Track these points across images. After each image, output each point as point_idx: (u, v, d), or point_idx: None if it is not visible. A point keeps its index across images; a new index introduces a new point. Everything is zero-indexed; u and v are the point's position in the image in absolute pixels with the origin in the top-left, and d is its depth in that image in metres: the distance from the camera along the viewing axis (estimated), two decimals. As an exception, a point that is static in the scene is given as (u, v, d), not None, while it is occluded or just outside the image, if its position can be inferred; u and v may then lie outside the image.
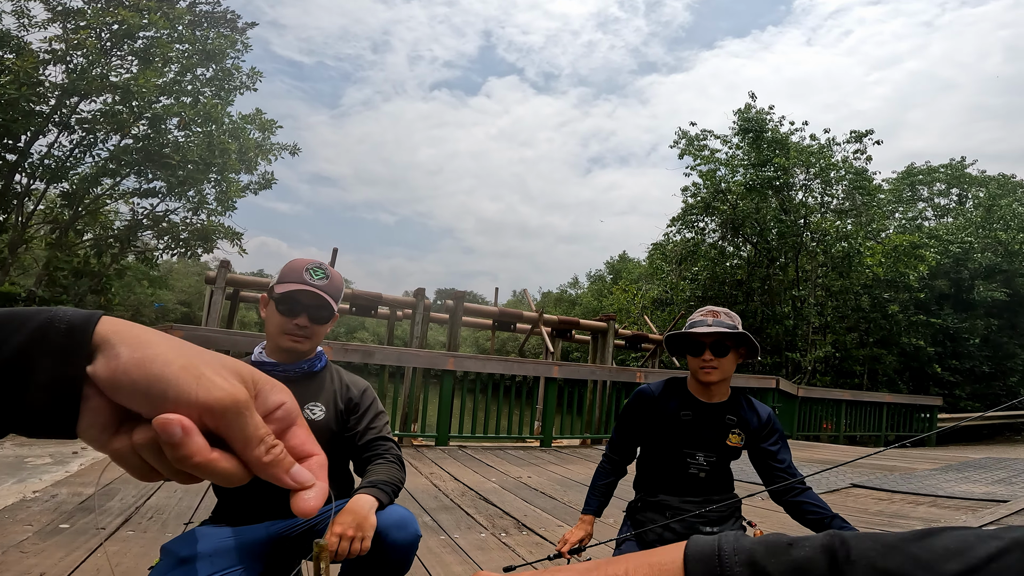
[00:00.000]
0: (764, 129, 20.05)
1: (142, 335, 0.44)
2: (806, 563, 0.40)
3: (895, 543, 0.40)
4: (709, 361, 2.27)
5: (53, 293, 11.22)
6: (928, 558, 0.38)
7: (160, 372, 0.42)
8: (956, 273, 22.57)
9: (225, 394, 0.43)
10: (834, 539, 0.42)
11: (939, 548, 0.38)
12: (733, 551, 0.43)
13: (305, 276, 1.99)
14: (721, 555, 0.43)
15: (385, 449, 2.13)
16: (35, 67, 11.14)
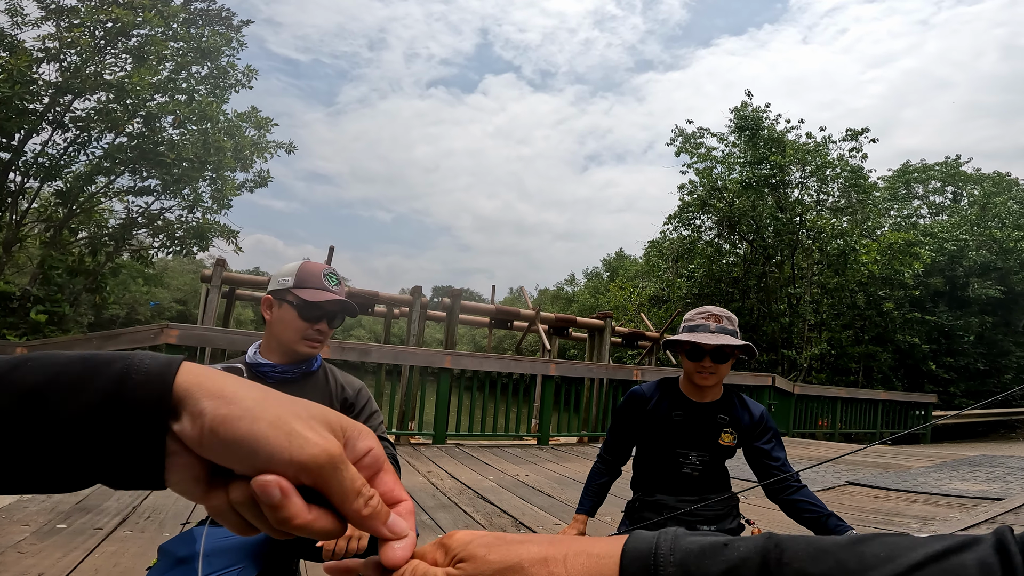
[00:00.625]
0: (760, 127, 20.09)
1: (226, 387, 0.43)
2: (738, 564, 0.40)
3: (827, 547, 0.39)
4: (708, 367, 2.27)
5: (48, 292, 11.17)
6: (855, 565, 0.37)
7: (249, 431, 0.40)
8: (951, 271, 22.65)
9: (320, 450, 0.42)
10: (769, 542, 0.41)
11: (868, 555, 0.37)
12: (669, 551, 0.42)
13: (325, 282, 2.01)
14: (657, 554, 0.42)
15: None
16: (29, 65, 11.08)
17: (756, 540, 0.41)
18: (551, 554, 0.45)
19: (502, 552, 0.45)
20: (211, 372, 0.43)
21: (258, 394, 0.43)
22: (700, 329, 2.27)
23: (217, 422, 0.40)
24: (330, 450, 0.42)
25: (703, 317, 2.30)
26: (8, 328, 9.73)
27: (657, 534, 0.44)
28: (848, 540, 0.39)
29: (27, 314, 10.18)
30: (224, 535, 1.97)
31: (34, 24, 12.08)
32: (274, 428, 0.41)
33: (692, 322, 2.31)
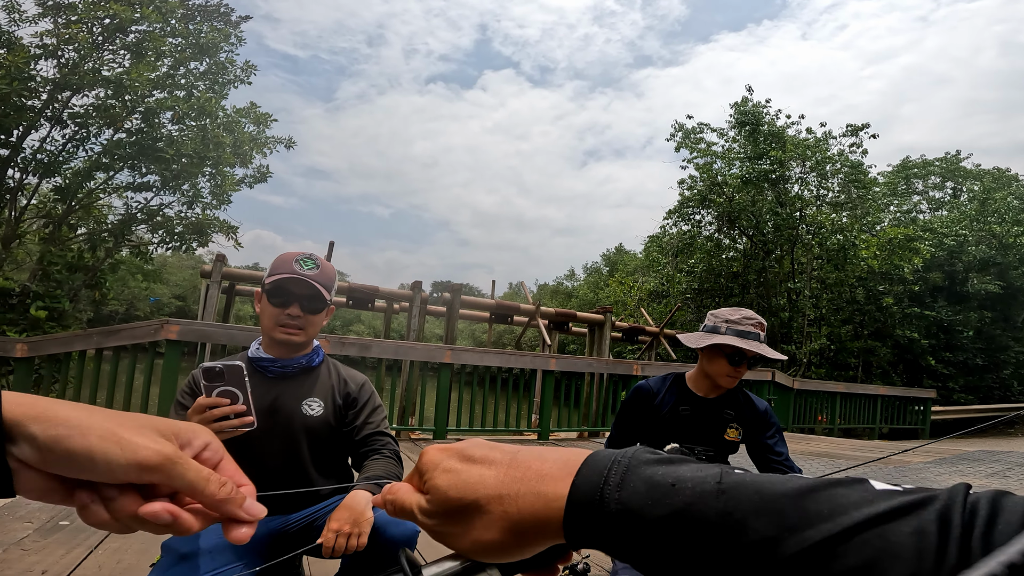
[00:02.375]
0: (760, 122, 20.06)
1: (50, 410, 0.45)
2: (683, 509, 0.38)
3: (775, 499, 0.37)
4: (743, 372, 2.28)
5: (47, 288, 11.16)
6: (795, 521, 0.35)
7: (80, 446, 0.44)
8: (950, 266, 22.65)
9: (152, 452, 0.46)
10: (719, 487, 0.39)
11: (812, 511, 0.35)
12: (616, 488, 0.41)
13: (295, 267, 1.98)
14: (603, 496, 0.41)
15: (383, 444, 2.13)
16: (26, 61, 11.04)
17: (707, 480, 0.39)
18: (506, 492, 0.45)
19: (461, 489, 0.47)
20: (35, 399, 0.45)
21: (83, 413, 0.46)
22: (750, 337, 2.23)
23: (50, 443, 0.43)
24: (162, 451, 0.46)
25: (752, 324, 2.26)
26: (8, 324, 9.73)
27: (610, 463, 0.43)
28: (797, 490, 0.37)
29: (27, 310, 10.17)
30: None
31: (32, 20, 12.03)
32: (104, 440, 0.44)
33: (740, 327, 2.25)
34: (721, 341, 2.24)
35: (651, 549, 0.39)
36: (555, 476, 0.44)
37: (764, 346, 2.22)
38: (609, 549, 0.41)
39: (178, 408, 2.01)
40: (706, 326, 2.33)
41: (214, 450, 0.52)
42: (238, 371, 1.66)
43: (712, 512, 0.37)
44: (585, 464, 0.44)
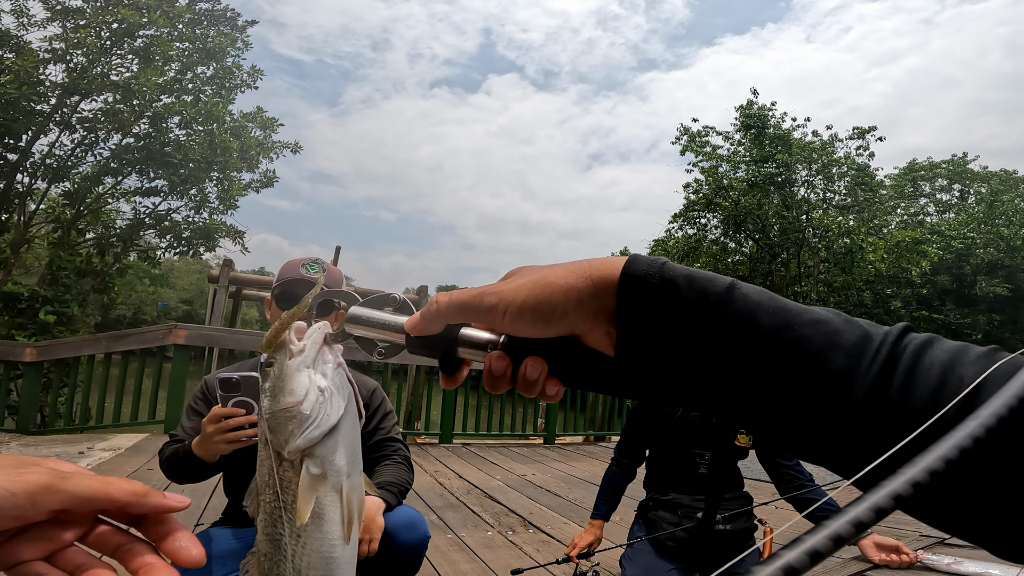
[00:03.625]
0: (766, 125, 20.01)
1: None
2: (709, 285, 0.44)
3: (781, 305, 0.44)
4: None
5: (56, 292, 11.21)
6: (790, 320, 0.42)
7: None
8: (958, 269, 22.54)
9: (39, 472, 0.44)
10: (737, 284, 0.45)
11: (806, 318, 0.42)
12: (669, 266, 0.46)
13: (302, 271, 1.99)
14: (664, 266, 0.46)
15: (393, 450, 2.13)
16: (35, 66, 11.12)
17: (725, 281, 0.45)
18: (550, 281, 0.48)
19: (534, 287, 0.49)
20: None
21: None
22: None
23: None
24: (49, 469, 0.45)
25: None
26: (17, 328, 9.78)
27: (657, 266, 0.46)
28: (796, 306, 0.44)
29: (35, 314, 10.22)
30: (237, 537, 1.97)
31: (40, 25, 12.11)
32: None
33: None
34: None
35: (693, 322, 0.44)
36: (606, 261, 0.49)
37: None
38: (651, 316, 0.45)
39: (190, 413, 2.01)
40: None
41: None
42: (254, 382, 1.68)
43: (738, 295, 0.44)
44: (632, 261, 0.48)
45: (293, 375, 0.60)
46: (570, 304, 0.47)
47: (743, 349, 0.42)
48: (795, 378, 0.41)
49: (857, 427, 0.39)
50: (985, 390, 0.35)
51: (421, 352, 0.55)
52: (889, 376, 0.38)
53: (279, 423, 0.59)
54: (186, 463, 1.81)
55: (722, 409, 0.45)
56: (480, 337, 0.52)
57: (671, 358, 0.45)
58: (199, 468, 1.82)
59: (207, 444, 1.70)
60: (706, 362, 0.44)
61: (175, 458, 1.85)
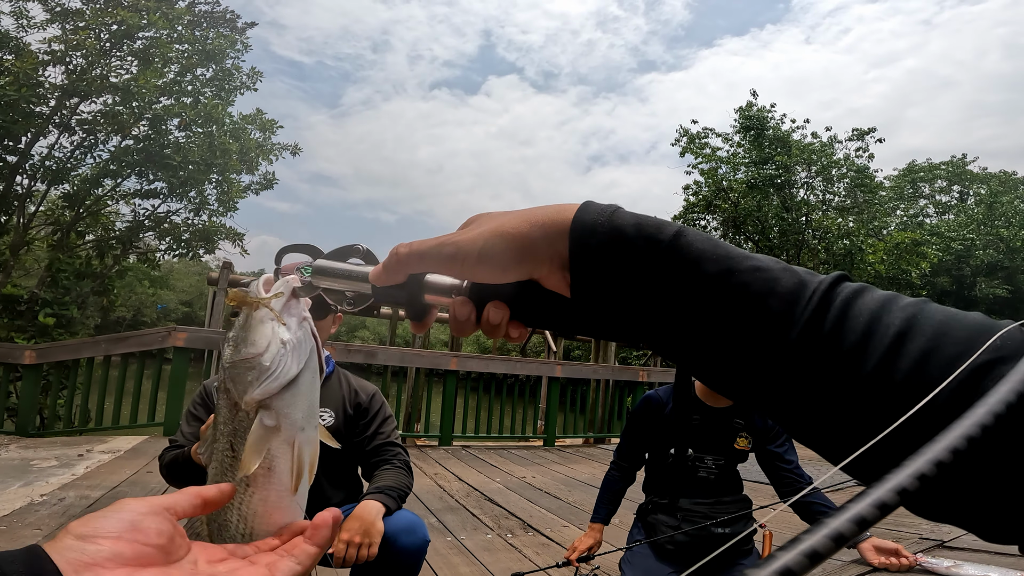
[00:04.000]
0: (766, 127, 20.02)
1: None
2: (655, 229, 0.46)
3: (727, 253, 0.45)
4: None
5: (55, 295, 11.21)
6: (733, 265, 0.44)
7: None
8: (958, 270, 22.56)
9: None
10: (684, 231, 0.46)
11: (747, 265, 0.44)
12: (618, 213, 0.48)
13: (297, 274, 1.99)
14: (615, 212, 0.48)
15: (393, 455, 2.13)
16: (35, 68, 11.11)
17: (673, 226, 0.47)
18: (497, 228, 0.50)
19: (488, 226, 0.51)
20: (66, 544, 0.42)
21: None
22: None
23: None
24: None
25: None
26: (16, 331, 9.77)
27: (607, 214, 0.48)
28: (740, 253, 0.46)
29: (35, 317, 10.21)
30: (236, 540, 1.97)
31: (39, 27, 12.11)
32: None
33: None
34: None
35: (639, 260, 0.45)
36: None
37: None
38: (601, 261, 0.46)
39: (190, 419, 2.01)
40: None
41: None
42: None
43: (692, 249, 0.45)
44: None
45: (256, 326, 0.60)
46: (525, 251, 0.49)
47: (688, 294, 0.44)
48: (736, 321, 0.43)
49: (791, 367, 0.41)
50: (911, 341, 0.37)
51: (387, 301, 0.57)
52: (820, 321, 0.40)
53: (238, 373, 0.60)
54: (186, 469, 1.81)
55: (670, 350, 0.47)
56: (444, 283, 0.54)
57: (622, 301, 0.47)
58: (199, 474, 1.81)
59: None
60: (654, 305, 0.45)
61: (175, 464, 1.85)
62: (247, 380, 0.59)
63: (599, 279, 0.47)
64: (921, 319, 0.38)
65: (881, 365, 0.37)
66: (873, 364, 0.38)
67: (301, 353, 0.62)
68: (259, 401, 0.59)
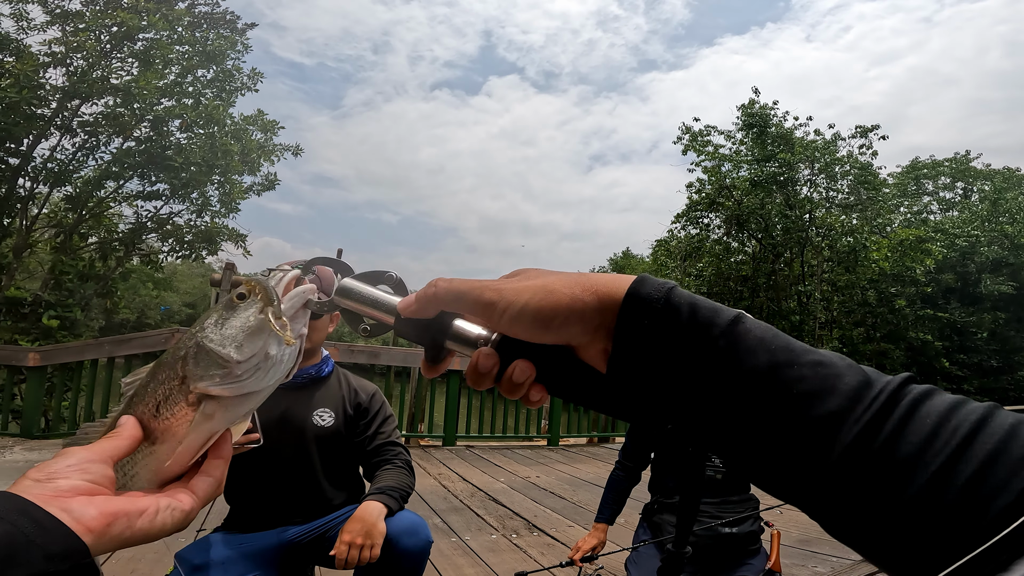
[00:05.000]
0: (768, 124, 19.96)
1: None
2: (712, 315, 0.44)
3: (782, 345, 0.43)
4: None
5: (59, 297, 11.22)
6: (786, 359, 0.42)
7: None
8: (962, 267, 22.47)
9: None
10: (743, 318, 0.44)
11: (805, 359, 0.42)
12: (677, 291, 0.46)
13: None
14: (672, 290, 0.46)
15: (394, 454, 2.11)
16: (35, 70, 11.12)
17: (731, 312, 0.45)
18: (558, 289, 0.48)
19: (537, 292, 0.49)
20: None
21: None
22: None
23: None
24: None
25: None
26: (20, 333, 9.77)
27: (665, 291, 0.46)
28: (801, 348, 0.43)
29: (39, 319, 10.22)
30: (239, 542, 1.95)
31: (40, 28, 12.12)
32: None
33: None
34: None
35: (691, 350, 0.43)
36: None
37: None
38: (650, 338, 0.45)
39: None
40: None
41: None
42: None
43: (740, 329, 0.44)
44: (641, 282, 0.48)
45: (251, 331, 0.57)
46: (573, 315, 0.47)
47: (736, 383, 0.42)
48: (786, 419, 0.41)
49: (835, 476, 0.39)
50: (978, 443, 0.35)
51: (408, 335, 0.55)
52: (883, 420, 0.38)
53: (205, 361, 0.57)
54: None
55: (704, 438, 0.45)
56: (471, 331, 0.52)
57: (662, 382, 0.45)
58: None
59: None
60: (698, 391, 0.43)
61: None
62: (209, 373, 0.56)
63: (643, 355, 0.45)
64: (992, 421, 0.37)
65: (943, 469, 0.35)
66: (935, 468, 0.36)
67: (277, 372, 0.59)
68: (209, 393, 0.56)
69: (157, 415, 0.58)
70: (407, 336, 0.55)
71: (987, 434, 0.36)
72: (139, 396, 0.60)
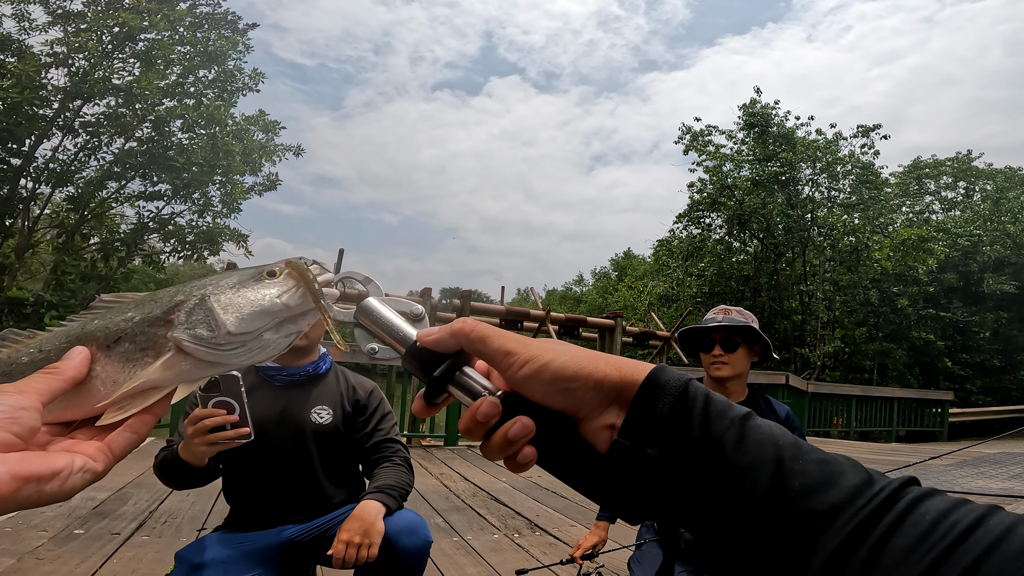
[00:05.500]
0: (770, 124, 19.94)
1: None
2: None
3: (790, 446, 0.43)
4: (719, 356, 2.30)
5: (61, 297, 11.24)
6: (788, 472, 0.42)
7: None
8: (965, 266, 22.42)
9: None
10: (753, 416, 0.46)
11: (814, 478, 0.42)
12: (697, 387, 0.47)
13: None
14: (690, 383, 0.47)
15: (393, 452, 2.10)
16: (37, 70, 11.14)
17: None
18: (593, 370, 0.49)
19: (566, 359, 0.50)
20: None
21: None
22: (710, 323, 2.32)
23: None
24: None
25: (713, 312, 2.37)
26: (21, 333, 9.79)
27: (683, 383, 0.47)
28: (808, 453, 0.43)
29: (41, 319, 10.23)
30: (239, 541, 1.94)
31: (41, 29, 12.15)
32: None
33: (705, 319, 2.37)
34: (683, 329, 2.38)
35: (700, 451, 0.44)
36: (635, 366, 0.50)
37: (723, 324, 2.27)
38: (659, 420, 0.45)
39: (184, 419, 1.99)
40: None
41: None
42: (234, 381, 1.64)
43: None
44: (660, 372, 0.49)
45: (259, 311, 0.56)
46: (593, 382, 0.48)
47: (743, 471, 0.43)
48: (782, 507, 0.42)
49: (832, 566, 0.39)
50: (975, 538, 0.36)
51: (413, 368, 0.54)
52: (882, 514, 0.39)
53: (199, 315, 0.55)
54: (175, 467, 1.80)
55: (702, 525, 0.45)
56: (480, 381, 0.52)
57: (666, 461, 0.45)
58: (188, 472, 1.80)
59: (189, 446, 1.68)
60: (703, 475, 0.44)
61: (165, 463, 1.84)
62: (196, 329, 0.54)
63: (649, 435, 0.46)
64: (990, 520, 0.37)
65: (937, 562, 0.36)
66: (929, 560, 0.36)
67: (256, 356, 0.57)
68: (178, 347, 0.54)
69: (111, 349, 0.55)
70: (412, 370, 0.54)
71: (984, 530, 0.37)
72: (106, 322, 0.57)
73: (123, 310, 0.58)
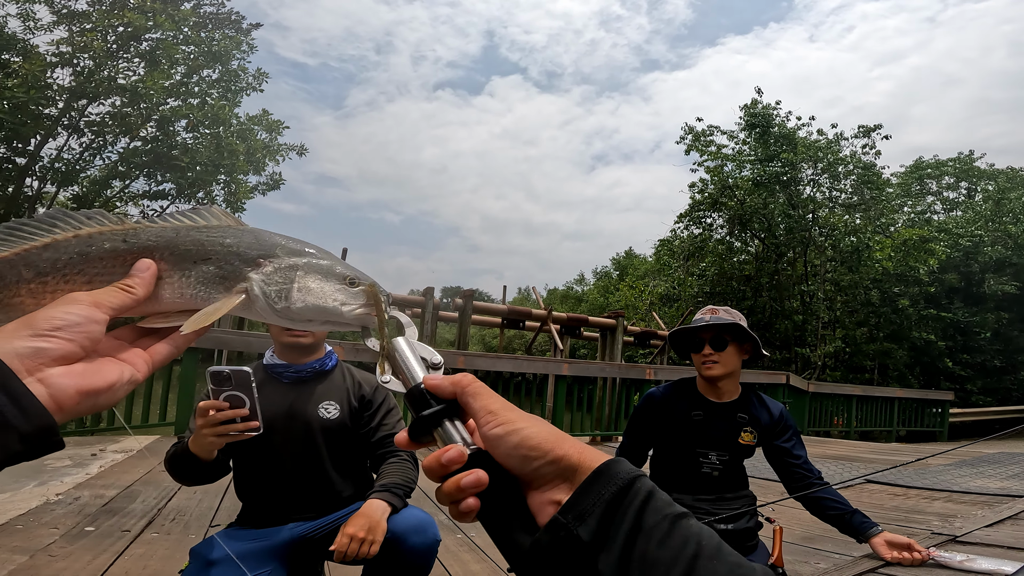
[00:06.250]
0: (771, 124, 19.96)
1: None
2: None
3: (715, 551, 0.46)
4: (709, 355, 2.33)
5: (65, 295, 11.29)
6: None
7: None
8: (966, 267, 22.43)
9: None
10: (691, 517, 0.48)
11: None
12: (645, 483, 0.49)
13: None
14: (637, 478, 0.49)
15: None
16: (42, 70, 11.19)
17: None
18: (564, 453, 0.53)
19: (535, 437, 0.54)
20: None
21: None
22: (698, 323, 2.35)
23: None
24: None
25: (702, 312, 2.40)
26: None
27: (630, 481, 0.49)
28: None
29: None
30: (252, 538, 1.99)
31: (46, 29, 12.19)
32: None
33: (694, 320, 2.40)
34: (673, 329, 2.43)
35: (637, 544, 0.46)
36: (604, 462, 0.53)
37: (710, 323, 2.31)
38: (600, 504, 0.48)
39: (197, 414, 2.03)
40: None
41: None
42: (245, 376, 1.66)
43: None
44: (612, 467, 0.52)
45: (321, 307, 0.61)
46: (550, 457, 0.52)
47: (663, 557, 0.45)
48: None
49: None
50: None
51: (410, 405, 0.59)
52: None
53: (280, 277, 0.61)
54: (184, 461, 1.81)
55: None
56: (460, 433, 0.57)
57: (590, 547, 0.47)
58: (197, 467, 1.82)
59: (198, 439, 1.70)
60: (616, 567, 0.46)
61: (176, 457, 1.86)
62: (269, 287, 0.60)
63: (584, 519, 0.48)
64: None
65: None
66: None
67: (282, 322, 0.63)
68: (248, 292, 0.60)
69: (196, 265, 0.60)
70: (408, 407, 0.59)
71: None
72: (202, 238, 0.61)
73: (221, 233, 0.62)
